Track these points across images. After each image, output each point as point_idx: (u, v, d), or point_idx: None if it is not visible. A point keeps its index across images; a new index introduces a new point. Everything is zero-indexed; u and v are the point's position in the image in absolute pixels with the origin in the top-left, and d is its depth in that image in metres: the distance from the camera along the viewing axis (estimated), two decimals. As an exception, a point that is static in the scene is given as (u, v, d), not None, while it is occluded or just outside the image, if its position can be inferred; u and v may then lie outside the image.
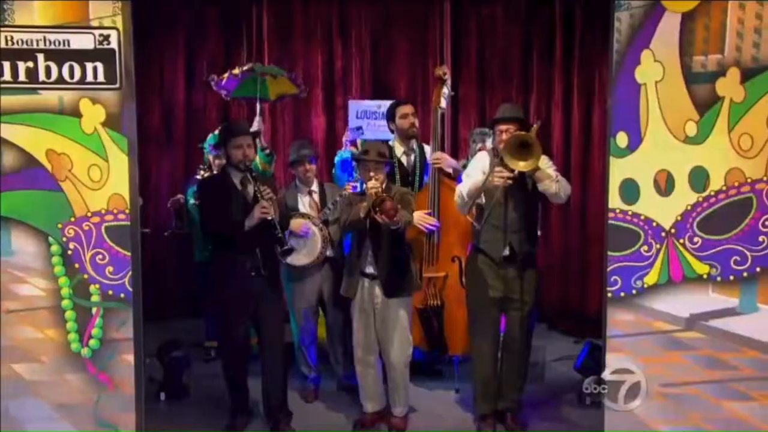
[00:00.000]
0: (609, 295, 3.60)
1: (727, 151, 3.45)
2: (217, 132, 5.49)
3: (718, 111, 3.45)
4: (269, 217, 4.42)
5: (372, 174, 4.52)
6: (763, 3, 3.37)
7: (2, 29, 3.42)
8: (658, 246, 3.55)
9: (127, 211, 3.64)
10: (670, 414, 3.59)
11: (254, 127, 5.38)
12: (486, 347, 4.74)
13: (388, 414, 4.87)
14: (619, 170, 3.55)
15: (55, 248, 3.64)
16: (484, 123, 6.65)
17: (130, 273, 3.66)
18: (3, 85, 3.45)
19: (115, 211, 3.63)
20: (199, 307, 6.23)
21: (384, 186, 4.58)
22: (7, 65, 3.42)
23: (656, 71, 3.48)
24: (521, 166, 4.29)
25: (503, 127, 4.54)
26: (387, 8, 7.17)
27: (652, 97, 3.48)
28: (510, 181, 4.37)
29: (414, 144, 5.48)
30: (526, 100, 7.08)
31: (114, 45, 3.50)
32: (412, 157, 5.47)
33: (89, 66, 3.50)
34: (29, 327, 3.64)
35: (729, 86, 3.43)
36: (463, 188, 4.58)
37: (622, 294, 3.59)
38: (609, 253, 3.60)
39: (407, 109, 5.45)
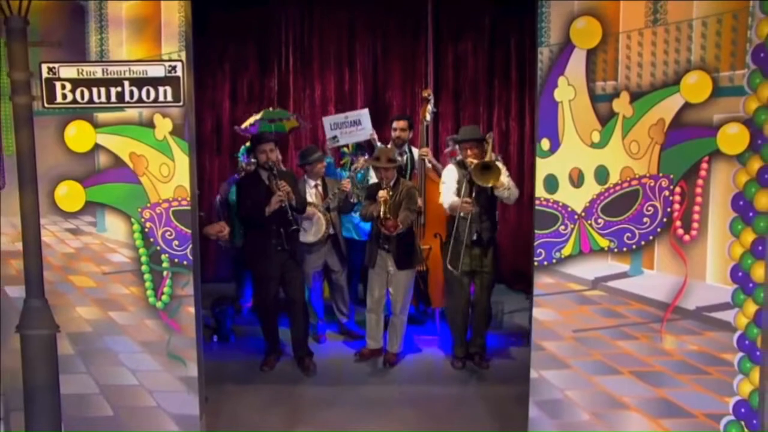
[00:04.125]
0: (535, 263, 3.60)
1: (621, 153, 3.49)
2: (248, 144, 5.59)
3: (615, 123, 3.49)
4: (282, 204, 4.53)
5: (383, 174, 4.67)
6: (643, 45, 3.44)
7: (101, 64, 3.48)
8: (572, 226, 3.57)
9: (188, 199, 3.66)
10: (580, 352, 3.64)
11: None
12: (459, 308, 4.91)
13: (383, 352, 5.02)
14: (543, 167, 3.56)
15: (136, 226, 3.67)
16: (458, 131, 6.75)
17: (190, 246, 3.69)
18: (100, 105, 3.50)
19: (179, 198, 3.66)
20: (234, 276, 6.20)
21: (394, 182, 4.70)
22: (103, 90, 3.47)
23: (569, 92, 3.50)
24: (486, 183, 4.54)
25: (466, 145, 4.75)
26: (384, 43, 7.21)
27: (567, 112, 3.50)
28: (473, 209, 4.63)
29: (405, 147, 5.60)
30: (489, 114, 7.13)
31: (179, 73, 3.53)
32: (404, 158, 5.59)
33: (161, 89, 3.52)
34: (119, 285, 3.70)
35: (622, 105, 3.48)
36: (445, 203, 4.80)
37: (545, 263, 3.60)
38: (536, 231, 3.60)
39: (395, 124, 5.59)
